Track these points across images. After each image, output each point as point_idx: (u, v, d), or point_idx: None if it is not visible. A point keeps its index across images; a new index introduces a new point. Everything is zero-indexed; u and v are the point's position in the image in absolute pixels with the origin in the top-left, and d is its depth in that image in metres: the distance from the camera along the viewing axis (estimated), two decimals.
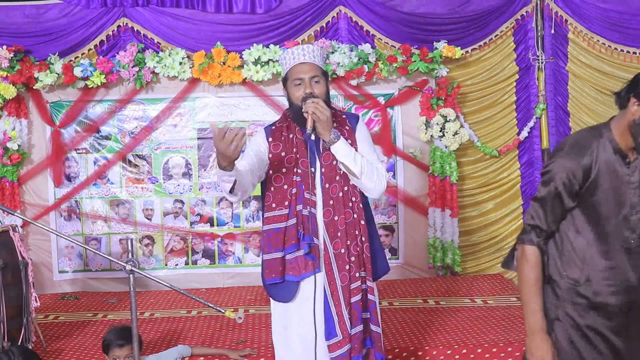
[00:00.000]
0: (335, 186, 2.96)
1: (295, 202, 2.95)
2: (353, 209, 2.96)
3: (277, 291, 3.02)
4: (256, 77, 5.62)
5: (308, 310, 2.95)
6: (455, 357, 4.00)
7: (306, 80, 2.96)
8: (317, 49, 3.03)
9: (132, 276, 2.64)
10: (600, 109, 5.96)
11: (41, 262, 5.69)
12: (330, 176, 2.96)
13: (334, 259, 2.93)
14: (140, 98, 5.78)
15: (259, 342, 4.20)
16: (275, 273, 2.96)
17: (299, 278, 2.95)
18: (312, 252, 2.94)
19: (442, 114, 5.70)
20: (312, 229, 2.93)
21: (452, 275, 5.84)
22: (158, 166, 5.82)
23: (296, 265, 2.94)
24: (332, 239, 2.94)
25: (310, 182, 2.94)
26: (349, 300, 2.92)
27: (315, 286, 2.91)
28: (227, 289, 5.66)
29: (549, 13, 5.99)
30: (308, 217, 2.93)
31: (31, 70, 5.51)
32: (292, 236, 2.93)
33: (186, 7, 5.77)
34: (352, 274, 2.93)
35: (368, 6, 5.83)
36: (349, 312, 2.92)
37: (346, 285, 2.92)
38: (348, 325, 2.91)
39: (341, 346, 2.92)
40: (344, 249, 2.93)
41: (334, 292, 2.93)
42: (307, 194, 2.94)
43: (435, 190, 5.79)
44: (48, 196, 5.73)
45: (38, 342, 4.15)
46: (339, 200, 2.94)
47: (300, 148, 3.00)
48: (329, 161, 2.97)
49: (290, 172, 2.98)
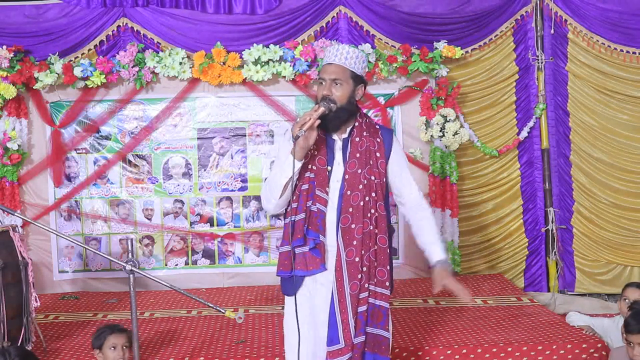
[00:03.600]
0: (356, 194, 2.94)
1: (306, 197, 2.95)
2: (371, 220, 2.95)
3: (285, 284, 3.05)
4: (256, 77, 5.62)
5: (311, 309, 2.97)
6: (455, 357, 4.00)
7: (327, 81, 2.95)
8: (353, 52, 2.97)
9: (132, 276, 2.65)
10: (600, 109, 5.97)
11: (41, 262, 5.68)
12: (352, 184, 2.95)
13: (345, 266, 2.93)
14: (140, 98, 5.78)
15: (259, 342, 4.20)
16: (284, 266, 3.00)
17: (305, 273, 2.96)
18: (317, 248, 2.94)
19: (442, 114, 5.70)
20: (318, 225, 2.93)
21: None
22: (158, 166, 5.82)
23: (304, 260, 2.96)
24: (346, 246, 2.93)
25: (324, 180, 2.95)
26: (356, 309, 2.92)
27: (316, 285, 2.93)
28: (227, 289, 5.66)
29: (549, 13, 5.99)
30: (316, 214, 2.93)
31: (31, 70, 5.51)
32: (299, 230, 2.94)
33: (186, 7, 5.77)
34: (362, 283, 2.93)
35: (368, 6, 5.83)
36: (355, 322, 2.91)
37: (355, 294, 2.92)
38: (352, 333, 2.91)
39: (342, 354, 2.91)
40: (358, 258, 2.92)
41: (341, 300, 2.92)
42: (318, 191, 2.94)
43: (435, 190, 5.79)
44: (48, 196, 5.73)
45: (38, 342, 4.15)
46: (359, 208, 2.93)
47: (319, 146, 2.98)
48: (354, 169, 2.96)
49: (304, 168, 2.97)
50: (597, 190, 5.99)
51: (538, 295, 5.76)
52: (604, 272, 6.06)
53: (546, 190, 6.09)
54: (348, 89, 2.95)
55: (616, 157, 5.97)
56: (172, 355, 4.04)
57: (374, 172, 2.97)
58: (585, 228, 6.04)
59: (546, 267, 6.12)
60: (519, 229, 6.09)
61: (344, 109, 2.95)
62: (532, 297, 5.23)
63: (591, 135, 5.98)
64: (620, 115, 5.96)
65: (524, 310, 4.78)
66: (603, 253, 6.02)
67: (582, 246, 6.06)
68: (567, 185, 6.06)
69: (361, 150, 2.97)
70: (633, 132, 5.97)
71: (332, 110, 2.92)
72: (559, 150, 6.08)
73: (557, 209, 6.07)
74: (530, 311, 4.74)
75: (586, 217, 6.02)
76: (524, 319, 4.55)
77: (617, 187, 5.99)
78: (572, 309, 5.13)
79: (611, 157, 5.97)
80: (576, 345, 4.03)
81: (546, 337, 4.16)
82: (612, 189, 5.99)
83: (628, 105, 5.96)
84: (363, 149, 2.97)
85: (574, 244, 6.08)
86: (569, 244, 6.09)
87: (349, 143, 2.99)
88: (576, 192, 6.04)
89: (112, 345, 3.50)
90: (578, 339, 4.10)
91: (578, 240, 6.07)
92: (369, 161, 2.97)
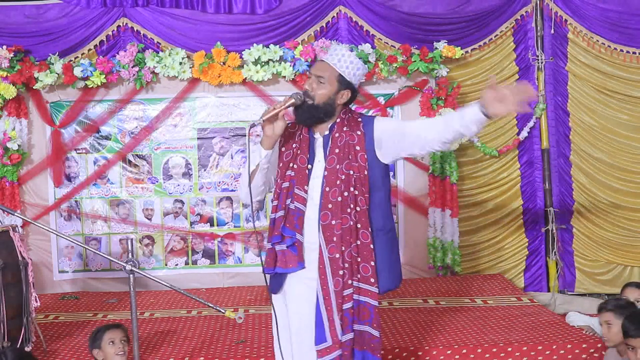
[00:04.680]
0: (335, 190, 2.92)
1: (286, 195, 2.97)
2: (351, 216, 2.91)
3: (271, 281, 3.08)
4: (256, 77, 5.62)
5: (292, 308, 2.98)
6: (455, 357, 4.00)
7: (312, 77, 2.96)
8: (349, 56, 2.94)
9: (132, 276, 2.65)
10: (599, 109, 5.97)
11: (41, 262, 5.68)
12: (331, 180, 2.93)
13: (328, 263, 2.91)
14: (140, 98, 5.78)
15: (259, 342, 4.20)
16: (267, 263, 3.02)
17: (285, 271, 2.98)
18: (295, 246, 2.96)
19: (442, 114, 5.70)
20: (295, 224, 2.94)
21: (452, 275, 5.84)
22: (158, 166, 5.82)
23: (283, 258, 2.98)
24: (327, 242, 2.91)
25: (304, 179, 2.96)
26: (341, 306, 2.89)
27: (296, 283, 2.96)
28: (227, 289, 5.65)
29: (549, 13, 5.99)
30: (294, 212, 2.95)
31: (31, 70, 5.51)
32: (277, 227, 2.98)
33: (186, 7, 5.77)
34: (345, 280, 2.90)
35: (368, 6, 5.83)
36: (341, 319, 2.89)
37: (339, 290, 2.89)
38: (339, 331, 2.89)
39: (330, 352, 2.89)
40: (339, 254, 2.90)
41: (326, 297, 2.90)
42: (297, 189, 2.96)
43: (435, 190, 5.79)
44: (48, 196, 5.73)
45: (38, 342, 4.15)
46: (337, 204, 2.91)
47: (302, 144, 2.99)
48: (333, 164, 2.95)
49: (285, 166, 3.00)
50: (597, 190, 5.99)
51: (538, 295, 5.76)
52: (604, 272, 6.06)
53: (546, 190, 6.09)
54: (331, 90, 2.93)
55: (616, 157, 5.97)
56: (172, 355, 4.04)
57: (353, 166, 2.92)
58: (585, 228, 6.04)
59: (546, 267, 6.12)
60: (519, 229, 6.09)
61: (319, 107, 2.93)
62: (532, 297, 5.23)
63: (591, 135, 5.98)
64: (620, 115, 5.96)
65: (524, 310, 4.78)
66: (603, 253, 6.02)
67: (582, 246, 6.06)
68: (567, 185, 6.06)
69: (340, 145, 2.95)
70: (633, 132, 5.97)
71: (303, 102, 2.91)
72: (559, 150, 6.08)
73: (557, 209, 6.07)
74: (530, 311, 4.74)
75: (586, 217, 6.02)
76: (524, 319, 4.55)
77: (617, 187, 5.99)
78: (572, 309, 5.13)
79: (611, 157, 5.97)
80: (576, 345, 4.03)
81: (546, 337, 4.16)
82: (612, 189, 5.99)
83: (628, 105, 5.97)
84: (342, 144, 2.95)
85: (574, 244, 6.08)
86: (569, 244, 6.09)
87: (330, 139, 2.98)
88: (576, 192, 6.04)
89: (110, 340, 3.52)
90: (578, 339, 4.10)
91: (578, 240, 6.07)
92: (348, 156, 2.93)
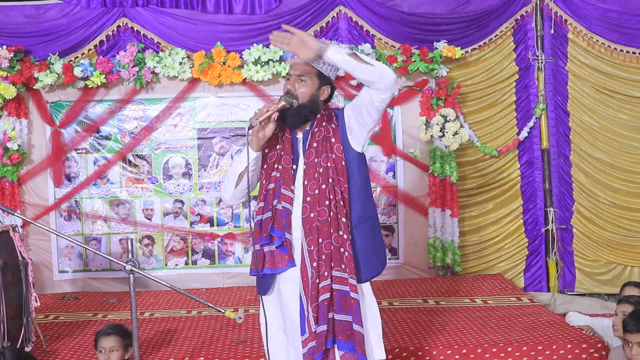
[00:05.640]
0: (313, 183, 2.96)
1: (272, 196, 3.01)
2: (330, 207, 2.93)
3: (258, 283, 3.11)
4: (256, 77, 5.63)
5: (288, 305, 3.02)
6: (455, 357, 4.00)
7: (292, 78, 2.99)
8: None
9: (132, 276, 2.65)
10: (600, 109, 5.96)
11: (41, 262, 5.68)
12: (310, 173, 2.97)
13: (307, 255, 2.94)
14: (140, 98, 5.78)
15: (259, 342, 4.19)
16: (254, 265, 3.05)
17: (274, 271, 3.02)
18: (285, 245, 2.99)
19: (442, 114, 5.70)
20: (284, 223, 2.97)
21: (452, 275, 5.83)
22: (158, 166, 5.82)
23: (272, 258, 3.01)
24: (307, 235, 2.95)
25: (289, 179, 2.98)
26: (316, 298, 2.91)
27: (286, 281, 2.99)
28: (227, 289, 5.65)
29: (549, 13, 5.99)
30: (281, 212, 2.98)
31: (31, 70, 5.51)
32: (265, 229, 3.01)
33: (186, 7, 5.76)
34: (320, 272, 2.92)
35: (368, 6, 5.83)
36: (315, 310, 2.91)
37: (313, 282, 2.92)
38: (312, 323, 2.91)
39: (306, 344, 2.93)
40: (314, 246, 2.92)
41: (305, 289, 2.94)
42: (284, 189, 2.99)
43: (435, 190, 5.79)
44: (48, 196, 5.73)
45: (38, 342, 4.15)
46: (315, 197, 2.94)
47: (285, 145, 3.03)
48: (311, 158, 2.98)
49: (270, 168, 3.03)
50: (597, 190, 5.98)
51: (538, 295, 5.76)
52: (604, 272, 6.05)
53: (546, 190, 6.09)
54: (312, 87, 2.97)
55: (616, 157, 5.97)
56: (172, 355, 4.04)
57: (330, 158, 2.96)
58: (585, 228, 6.03)
59: (546, 267, 6.12)
60: (519, 229, 6.09)
61: (305, 106, 2.97)
62: (532, 297, 5.23)
63: (591, 135, 5.97)
64: (620, 115, 5.96)
65: (524, 310, 4.78)
66: (603, 253, 6.02)
67: (582, 246, 6.05)
68: (567, 185, 6.06)
69: (319, 139, 2.99)
70: (633, 132, 5.96)
71: (292, 106, 2.95)
72: (559, 150, 6.08)
73: (557, 209, 6.07)
74: (530, 311, 4.74)
75: (586, 217, 6.02)
76: (524, 319, 4.55)
77: (617, 187, 5.98)
78: (572, 309, 5.12)
79: (611, 157, 5.97)
80: (576, 345, 4.03)
81: (546, 337, 4.16)
82: (612, 189, 5.99)
83: (628, 105, 5.96)
84: (320, 138, 2.99)
85: (574, 244, 6.07)
86: (569, 244, 6.09)
87: (309, 134, 3.02)
88: (576, 192, 6.03)
89: (100, 349, 3.54)
90: (578, 339, 4.10)
91: (578, 240, 6.06)
92: (326, 149, 2.98)
